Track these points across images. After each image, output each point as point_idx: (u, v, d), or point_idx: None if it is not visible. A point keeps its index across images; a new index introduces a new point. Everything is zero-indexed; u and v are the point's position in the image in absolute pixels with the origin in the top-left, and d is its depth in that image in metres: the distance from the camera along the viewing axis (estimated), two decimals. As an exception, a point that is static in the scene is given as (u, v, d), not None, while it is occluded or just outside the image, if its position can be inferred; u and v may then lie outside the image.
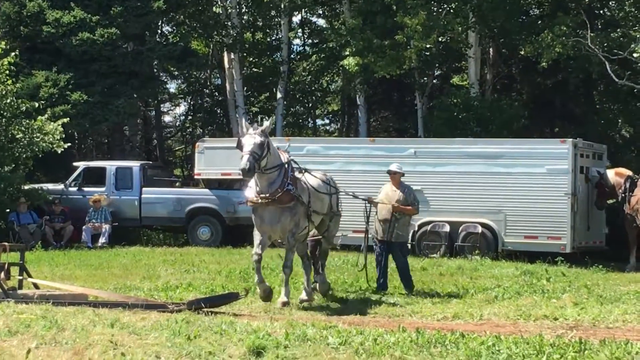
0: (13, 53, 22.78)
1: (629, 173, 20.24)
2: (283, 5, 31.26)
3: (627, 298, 13.43)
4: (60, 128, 23.15)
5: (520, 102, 28.40)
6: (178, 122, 41.49)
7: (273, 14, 34.14)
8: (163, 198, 23.71)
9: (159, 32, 32.89)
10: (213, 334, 9.12)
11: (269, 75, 33.94)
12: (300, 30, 37.15)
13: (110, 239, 22.71)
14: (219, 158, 23.10)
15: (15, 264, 12.23)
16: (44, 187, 23.82)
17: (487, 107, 25.87)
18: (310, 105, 37.38)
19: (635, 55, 23.09)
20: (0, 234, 21.27)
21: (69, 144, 24.43)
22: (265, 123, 12.10)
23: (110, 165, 24.40)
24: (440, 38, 27.53)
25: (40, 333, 9.07)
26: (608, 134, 26.98)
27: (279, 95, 31.50)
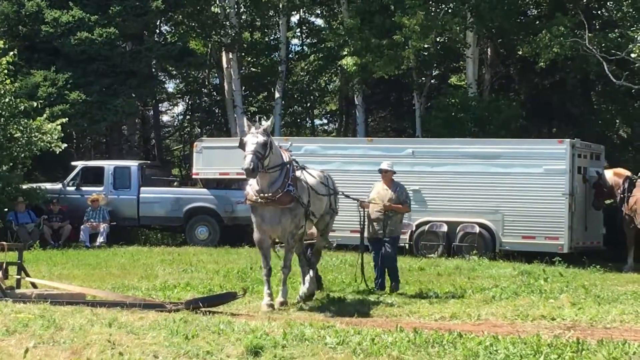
0: (11, 52, 22.78)
1: (628, 173, 20.23)
2: (281, 5, 31.28)
3: (624, 298, 13.42)
4: (59, 128, 23.15)
5: (518, 102, 28.40)
6: (176, 121, 41.50)
7: (271, 14, 34.15)
8: (161, 198, 23.71)
9: (158, 31, 32.91)
10: (211, 334, 9.11)
11: (267, 75, 33.93)
12: (299, 30, 37.19)
13: (108, 239, 22.71)
14: (217, 158, 23.12)
15: (13, 263, 12.22)
16: (42, 186, 23.83)
17: (484, 107, 25.91)
18: (309, 105, 37.38)
19: (633, 56, 23.12)
20: (-1, 234, 21.31)
21: (67, 144, 24.43)
22: (267, 122, 11.99)
23: (109, 165, 24.41)
24: (438, 38, 27.56)
25: (38, 332, 9.07)
26: (606, 134, 27.01)
27: (277, 95, 31.48)
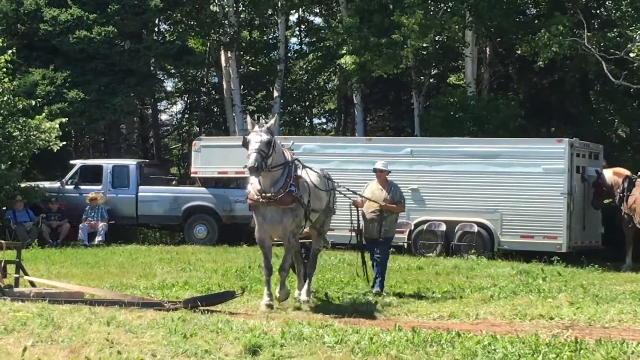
0: (10, 51, 22.79)
1: (627, 173, 20.23)
2: (280, 4, 31.24)
3: (622, 298, 13.44)
4: (57, 126, 23.14)
5: (517, 101, 28.37)
6: (175, 120, 41.50)
7: (270, 13, 34.11)
8: (159, 196, 23.70)
9: (156, 30, 32.92)
10: (209, 333, 9.11)
11: (266, 74, 33.91)
12: (297, 29, 37.17)
13: (107, 237, 22.69)
14: (216, 156, 23.13)
15: (12, 262, 12.21)
16: (41, 185, 23.83)
17: (483, 106, 25.89)
18: (307, 104, 37.34)
19: (632, 55, 23.09)
20: (-3, 232, 21.30)
21: (65, 143, 24.42)
22: (271, 120, 11.91)
23: (107, 164, 24.41)
24: (437, 37, 27.54)
25: (37, 331, 9.07)
26: (604, 134, 26.99)
27: (276, 94, 31.45)
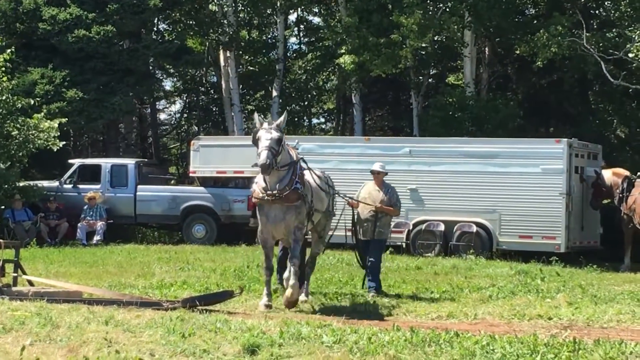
0: (9, 50, 22.78)
1: (627, 173, 20.24)
2: (279, 4, 31.23)
3: (621, 298, 13.44)
4: (56, 126, 23.13)
5: (516, 101, 28.40)
6: (173, 119, 41.52)
7: (269, 12, 34.12)
8: (158, 196, 23.68)
9: (155, 29, 32.88)
10: (207, 332, 9.11)
11: (265, 74, 33.87)
12: (296, 29, 37.17)
13: (105, 237, 22.68)
14: (214, 156, 23.14)
15: (10, 261, 12.19)
16: (39, 184, 23.81)
17: (482, 106, 25.89)
18: (306, 104, 37.33)
19: (631, 56, 23.08)
20: (-5, 231, 21.30)
21: (64, 142, 24.40)
22: (281, 117, 11.80)
23: (106, 163, 24.39)
24: (436, 37, 27.56)
25: (35, 330, 9.06)
26: (603, 134, 26.98)
27: (275, 94, 31.44)
